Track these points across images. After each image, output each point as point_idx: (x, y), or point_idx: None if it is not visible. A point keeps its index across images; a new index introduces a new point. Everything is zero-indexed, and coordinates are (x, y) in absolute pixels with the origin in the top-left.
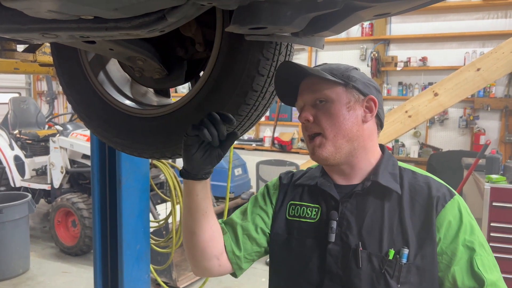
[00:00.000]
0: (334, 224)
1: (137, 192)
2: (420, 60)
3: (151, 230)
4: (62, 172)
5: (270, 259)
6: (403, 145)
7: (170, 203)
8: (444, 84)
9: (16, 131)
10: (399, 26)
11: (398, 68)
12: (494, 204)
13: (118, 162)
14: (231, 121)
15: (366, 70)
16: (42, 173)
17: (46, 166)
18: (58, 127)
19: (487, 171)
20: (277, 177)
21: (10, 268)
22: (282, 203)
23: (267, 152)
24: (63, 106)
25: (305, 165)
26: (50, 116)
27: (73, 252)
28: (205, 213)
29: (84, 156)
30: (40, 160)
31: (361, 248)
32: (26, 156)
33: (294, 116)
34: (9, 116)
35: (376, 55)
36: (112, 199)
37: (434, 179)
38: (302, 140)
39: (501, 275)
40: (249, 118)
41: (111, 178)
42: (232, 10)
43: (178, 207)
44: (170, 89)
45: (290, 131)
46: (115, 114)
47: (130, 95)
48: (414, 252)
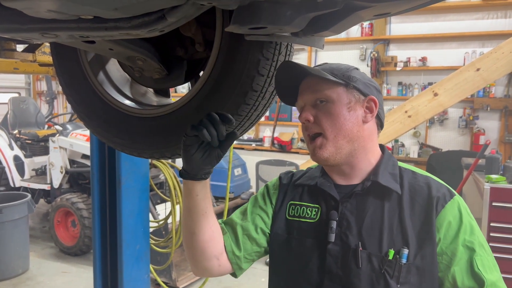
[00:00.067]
0: (334, 224)
1: (136, 192)
2: (419, 60)
3: (151, 230)
4: (62, 172)
5: (270, 259)
6: (403, 145)
7: (169, 203)
8: (443, 84)
9: (16, 131)
10: (399, 26)
11: (398, 68)
12: (493, 204)
13: (118, 162)
14: (230, 121)
15: (365, 70)
16: (41, 173)
17: (45, 166)
18: (57, 127)
19: (486, 171)
20: (277, 177)
21: (10, 268)
22: (282, 203)
23: (266, 152)
24: (62, 106)
25: (305, 165)
26: (50, 116)
27: (72, 252)
28: (204, 213)
29: (84, 156)
30: (39, 160)
31: (361, 248)
32: (26, 156)
33: (294, 116)
34: (8, 116)
35: (376, 55)
36: (111, 199)
37: (434, 179)
38: (302, 140)
39: (501, 276)
40: (249, 118)
41: (111, 178)
42: (232, 10)
43: (177, 207)
44: (170, 89)
45: (290, 131)
46: (115, 114)
47: (130, 95)
48: (414, 252)
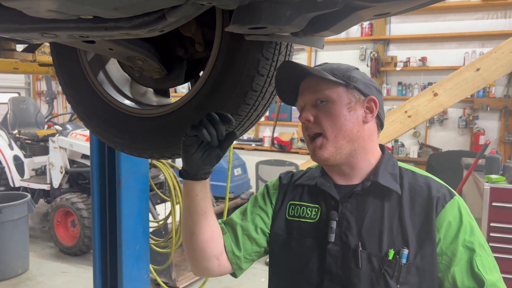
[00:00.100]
0: (334, 224)
1: (136, 192)
2: (419, 60)
3: (151, 230)
4: (62, 172)
5: (270, 259)
6: (403, 145)
7: (169, 203)
8: (443, 84)
9: (16, 131)
10: (399, 26)
11: (398, 68)
12: (493, 204)
13: (118, 162)
14: (230, 121)
15: (365, 70)
16: (41, 173)
17: (45, 166)
18: (57, 127)
19: (486, 171)
20: (277, 177)
21: (9, 268)
22: (282, 203)
23: (266, 152)
24: (62, 106)
25: (304, 165)
26: (50, 116)
27: (72, 252)
28: (204, 213)
29: (84, 156)
30: (39, 160)
31: (360, 248)
32: (26, 156)
33: (294, 116)
34: (8, 116)
35: (376, 55)
36: (111, 199)
37: (434, 180)
38: (301, 140)
39: (501, 276)
40: (248, 118)
41: (111, 178)
42: (232, 10)
43: (177, 207)
44: (170, 89)
45: (290, 131)
46: (115, 114)
47: (130, 95)
48: (414, 252)
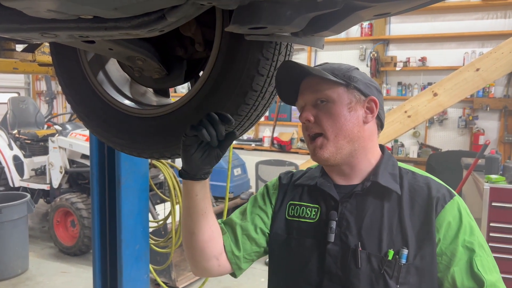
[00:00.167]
0: (334, 224)
1: (136, 192)
2: (419, 60)
3: (150, 230)
4: (61, 172)
5: (270, 259)
6: (402, 145)
7: (169, 203)
8: (443, 84)
9: (15, 131)
10: (399, 26)
11: (398, 68)
12: (493, 204)
13: (117, 162)
14: (229, 121)
15: (365, 70)
16: (41, 173)
17: (45, 166)
18: (57, 127)
19: (486, 171)
20: (276, 177)
21: (9, 268)
22: (282, 203)
23: (266, 152)
24: (62, 106)
25: (304, 165)
26: (49, 116)
27: (72, 252)
28: (204, 213)
29: (83, 156)
30: (39, 160)
31: (360, 249)
32: (25, 156)
33: (294, 116)
34: (8, 116)
35: (376, 55)
36: (111, 199)
37: (434, 180)
38: (301, 140)
39: (500, 276)
40: (248, 118)
41: (110, 178)
42: (231, 9)
43: (177, 207)
44: (170, 89)
45: (290, 131)
46: (114, 114)
47: (130, 95)
48: (414, 252)
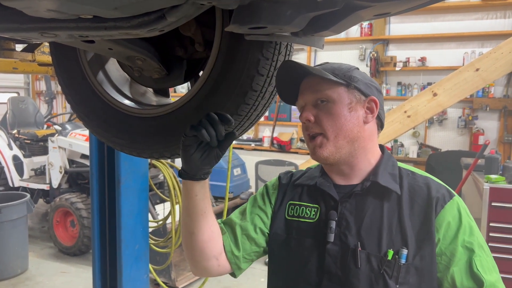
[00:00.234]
0: (333, 224)
1: (136, 192)
2: (419, 60)
3: (150, 230)
4: (61, 172)
5: (269, 259)
6: (402, 145)
7: (169, 203)
8: (443, 84)
9: (15, 131)
10: (398, 26)
11: (397, 68)
12: (493, 204)
13: (117, 162)
14: (229, 121)
15: (365, 70)
16: (40, 173)
17: (44, 166)
18: (56, 127)
19: (486, 171)
20: (276, 177)
21: (9, 268)
22: (281, 203)
23: (266, 152)
24: (62, 105)
25: (304, 165)
26: (49, 116)
27: (71, 252)
28: (204, 213)
29: (83, 156)
30: (38, 160)
31: (360, 248)
32: (25, 156)
33: (293, 116)
34: (7, 116)
35: (375, 55)
36: (111, 199)
37: (434, 180)
38: (301, 140)
39: (500, 276)
40: (248, 118)
41: (110, 178)
42: (231, 9)
43: (177, 207)
44: (169, 89)
45: (289, 131)
46: (114, 113)
47: (129, 95)
48: (413, 252)
